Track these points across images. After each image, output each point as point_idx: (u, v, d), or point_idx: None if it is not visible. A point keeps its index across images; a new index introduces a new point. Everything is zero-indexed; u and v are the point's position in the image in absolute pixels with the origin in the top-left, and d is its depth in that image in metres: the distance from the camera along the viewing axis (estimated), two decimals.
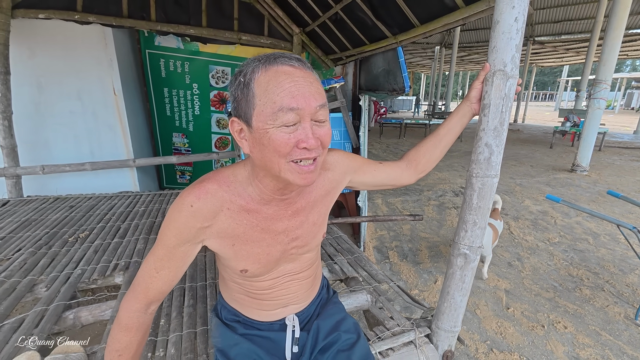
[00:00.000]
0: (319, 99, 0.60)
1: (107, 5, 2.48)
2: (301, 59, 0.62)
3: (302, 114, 0.58)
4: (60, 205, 2.38)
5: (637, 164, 6.31)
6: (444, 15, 1.59)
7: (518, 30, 0.80)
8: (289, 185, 0.68)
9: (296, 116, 0.58)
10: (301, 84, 0.59)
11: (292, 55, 0.62)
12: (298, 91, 0.58)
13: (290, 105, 0.57)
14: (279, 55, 0.60)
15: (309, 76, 0.61)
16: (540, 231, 3.22)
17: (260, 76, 0.59)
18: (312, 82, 0.61)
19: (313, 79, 0.62)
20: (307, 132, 0.59)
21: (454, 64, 13.40)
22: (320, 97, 0.61)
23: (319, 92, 0.61)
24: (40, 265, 1.54)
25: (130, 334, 0.72)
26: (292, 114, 0.58)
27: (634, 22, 9.56)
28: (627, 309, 2.06)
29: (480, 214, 0.93)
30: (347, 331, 0.89)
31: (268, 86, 0.58)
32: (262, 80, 0.59)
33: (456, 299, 1.01)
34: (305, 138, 0.59)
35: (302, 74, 0.60)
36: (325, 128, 0.63)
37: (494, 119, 0.85)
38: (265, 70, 0.59)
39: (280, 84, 0.58)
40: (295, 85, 0.58)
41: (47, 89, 2.60)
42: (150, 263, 0.70)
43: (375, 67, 2.55)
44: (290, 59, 0.61)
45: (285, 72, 0.59)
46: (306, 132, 0.59)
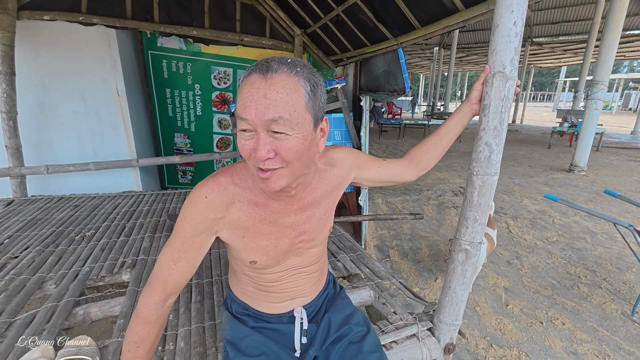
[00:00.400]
0: (270, 112, 0.57)
1: (111, 6, 2.51)
2: (284, 67, 0.59)
3: (253, 124, 0.59)
4: (65, 204, 2.41)
5: (634, 164, 6.37)
6: (444, 18, 1.63)
7: (517, 34, 0.83)
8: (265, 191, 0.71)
9: (248, 125, 0.60)
10: (256, 96, 0.58)
11: (273, 63, 0.60)
12: (251, 102, 0.58)
13: (241, 115, 0.60)
14: (263, 62, 0.61)
15: (272, 87, 0.58)
16: (538, 230, 3.26)
17: (241, 83, 0.62)
18: (269, 94, 0.57)
19: (278, 90, 0.58)
20: (258, 143, 0.60)
21: (453, 65, 13.47)
22: (273, 110, 0.57)
23: (275, 104, 0.57)
24: (49, 263, 1.56)
25: (148, 327, 0.74)
26: (244, 123, 0.60)
27: (631, 23, 9.64)
28: (623, 306, 2.10)
29: (481, 210, 0.97)
30: (358, 324, 0.92)
31: (238, 93, 0.62)
32: (240, 87, 0.62)
33: (457, 293, 1.05)
34: (255, 148, 0.61)
35: (263, 85, 0.58)
36: (283, 142, 0.60)
37: (493, 118, 0.88)
38: (244, 77, 0.62)
39: (242, 93, 0.60)
40: (249, 96, 0.58)
41: (51, 89, 2.62)
42: (167, 255, 0.73)
43: (375, 68, 2.59)
44: (265, 68, 0.59)
45: (250, 81, 0.59)
46: (258, 142, 0.60)
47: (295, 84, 0.60)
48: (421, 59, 19.67)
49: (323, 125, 0.69)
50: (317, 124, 0.66)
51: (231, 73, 3.37)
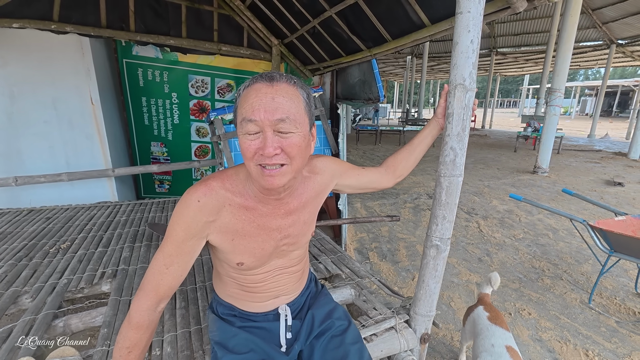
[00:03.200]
0: (278, 113, 0.66)
1: (85, 15, 2.47)
2: (282, 76, 0.70)
3: (261, 125, 0.66)
4: (36, 217, 2.32)
5: (591, 165, 6.88)
6: (413, 32, 1.75)
7: (474, 51, 0.94)
8: (266, 189, 0.76)
9: (256, 126, 0.67)
10: (263, 100, 0.66)
11: (275, 74, 0.70)
12: (259, 105, 0.66)
13: (250, 117, 0.67)
14: (266, 74, 0.70)
15: (278, 92, 0.67)
16: (506, 228, 3.47)
17: (243, 92, 0.70)
18: (276, 98, 0.66)
19: (283, 95, 0.67)
20: (265, 142, 0.67)
21: (425, 73, 14.02)
22: (281, 111, 0.66)
23: (282, 106, 0.66)
24: (23, 277, 1.52)
25: (140, 332, 0.77)
26: (251, 125, 0.67)
27: (583, 36, 10.47)
28: (582, 295, 2.28)
29: (449, 209, 1.06)
30: (339, 318, 0.98)
31: (242, 100, 0.69)
32: (243, 94, 0.70)
33: (430, 286, 1.13)
34: (263, 146, 0.67)
35: (270, 90, 0.67)
36: (289, 139, 0.68)
37: (457, 125, 0.98)
38: (247, 87, 0.70)
39: (248, 99, 0.68)
40: (257, 100, 0.66)
41: (20, 98, 2.53)
42: (159, 260, 0.76)
43: (351, 78, 2.70)
44: (270, 78, 0.69)
45: (255, 88, 0.68)
46: (265, 141, 0.67)
47: (295, 91, 0.70)
48: (395, 67, 20.32)
49: (313, 130, 0.78)
50: (312, 127, 0.76)
51: (209, 82, 3.38)
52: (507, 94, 50.78)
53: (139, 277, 1.54)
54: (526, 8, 1.21)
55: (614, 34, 9.83)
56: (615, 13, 8.79)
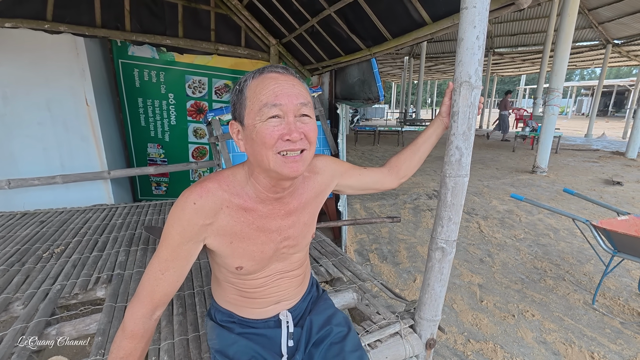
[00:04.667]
0: (300, 98, 0.69)
1: (80, 14, 2.42)
2: (287, 68, 0.73)
3: (285, 109, 0.67)
4: (30, 220, 2.27)
5: (589, 164, 6.89)
6: (413, 30, 1.72)
7: (480, 47, 0.91)
8: (280, 181, 0.74)
9: (279, 111, 0.67)
10: (284, 86, 0.68)
11: (279, 65, 0.73)
12: (281, 91, 0.67)
13: (274, 102, 0.66)
14: (269, 65, 0.72)
15: (292, 79, 0.71)
16: (507, 229, 3.44)
17: (252, 82, 0.70)
18: (295, 85, 0.70)
19: (296, 82, 0.71)
20: (290, 126, 0.67)
21: (423, 74, 14.03)
22: (301, 96, 0.69)
23: (301, 92, 0.70)
24: (15, 283, 1.47)
25: (134, 341, 0.73)
26: (275, 109, 0.67)
27: (580, 36, 10.51)
28: (585, 296, 2.26)
29: (454, 210, 1.03)
30: (338, 325, 0.94)
31: (257, 89, 0.68)
32: (252, 85, 0.69)
33: (436, 289, 1.10)
34: (289, 131, 0.67)
35: (285, 78, 0.70)
36: (309, 124, 0.71)
37: (462, 124, 0.95)
38: (255, 77, 0.70)
39: (266, 86, 0.68)
40: (279, 86, 0.68)
41: (13, 99, 2.48)
42: (154, 266, 0.72)
43: (350, 77, 2.67)
44: (277, 67, 0.71)
45: (271, 77, 0.69)
46: (289, 125, 0.67)
47: (300, 81, 0.73)
48: (392, 67, 20.33)
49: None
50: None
51: (206, 82, 3.34)
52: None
53: (134, 282, 1.50)
54: (530, 5, 1.19)
55: (610, 34, 9.88)
56: (611, 13, 8.83)
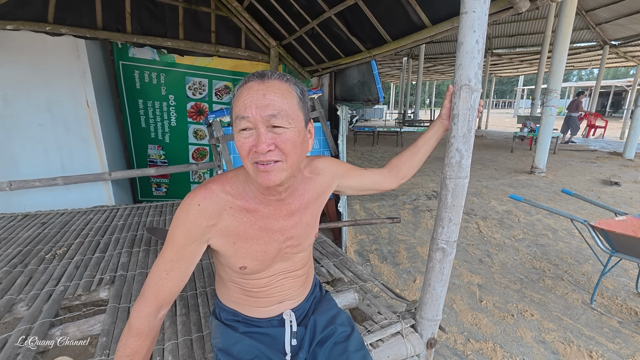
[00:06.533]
0: (269, 109, 0.66)
1: (80, 17, 2.43)
2: (276, 75, 0.69)
3: (253, 121, 0.67)
4: (31, 222, 2.28)
5: (587, 164, 6.92)
6: (413, 33, 1.74)
7: (479, 51, 0.93)
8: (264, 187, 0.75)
9: (248, 123, 0.67)
10: (254, 97, 0.66)
11: (267, 72, 0.70)
12: (251, 102, 0.66)
13: (242, 114, 0.67)
14: (258, 72, 0.71)
15: (269, 89, 0.67)
16: (506, 229, 3.46)
17: (237, 91, 0.70)
18: (267, 94, 0.66)
19: (274, 91, 0.67)
20: (258, 138, 0.67)
21: (421, 74, 14.08)
22: (272, 107, 0.66)
23: (273, 102, 0.66)
24: (18, 284, 1.48)
25: (140, 339, 0.75)
26: (244, 122, 0.67)
27: (578, 37, 10.57)
28: (583, 295, 2.28)
29: (455, 211, 1.05)
30: (342, 324, 0.96)
31: (235, 99, 0.70)
32: (236, 94, 0.70)
33: (437, 289, 1.12)
34: (256, 143, 0.67)
35: (261, 87, 0.67)
36: (282, 135, 0.68)
37: (462, 127, 0.97)
38: (240, 86, 0.70)
39: (240, 97, 0.68)
40: (249, 97, 0.67)
41: (13, 101, 2.49)
42: (160, 266, 0.74)
43: (350, 79, 2.68)
44: (261, 75, 0.69)
45: (247, 87, 0.68)
46: (259, 137, 0.67)
47: (287, 87, 0.70)
48: (391, 68, 20.40)
49: (310, 127, 0.76)
50: (307, 123, 0.74)
51: (207, 84, 3.36)
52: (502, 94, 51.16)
53: (137, 283, 1.51)
54: (529, 8, 1.20)
55: (608, 35, 9.94)
56: (609, 14, 8.89)
